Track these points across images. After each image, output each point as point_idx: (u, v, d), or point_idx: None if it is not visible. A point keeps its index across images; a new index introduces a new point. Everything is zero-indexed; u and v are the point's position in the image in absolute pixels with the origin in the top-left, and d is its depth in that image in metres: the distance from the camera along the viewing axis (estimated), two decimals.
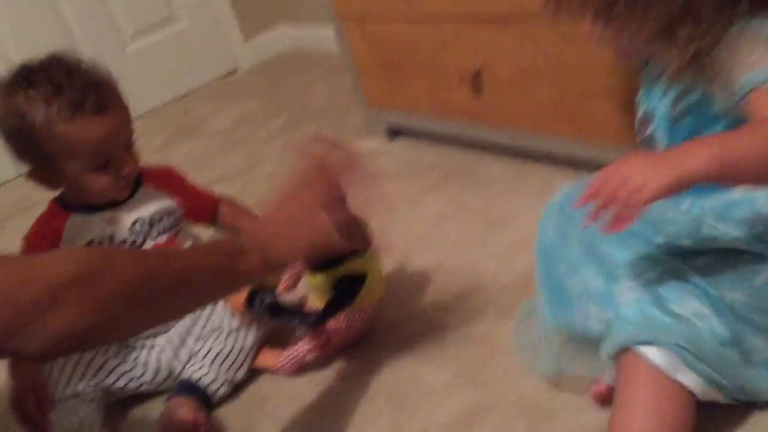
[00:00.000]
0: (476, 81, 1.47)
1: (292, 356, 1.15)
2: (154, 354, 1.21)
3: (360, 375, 1.14)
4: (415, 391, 1.07)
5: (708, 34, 0.82)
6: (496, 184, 1.51)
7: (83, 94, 1.08)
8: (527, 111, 1.42)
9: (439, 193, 1.55)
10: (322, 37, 2.63)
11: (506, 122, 1.48)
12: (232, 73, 2.82)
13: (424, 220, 1.47)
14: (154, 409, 1.20)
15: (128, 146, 1.16)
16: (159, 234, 1.21)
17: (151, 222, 1.20)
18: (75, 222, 1.18)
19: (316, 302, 1.16)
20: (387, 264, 1.36)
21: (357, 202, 1.01)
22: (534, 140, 1.48)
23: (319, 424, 1.08)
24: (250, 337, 1.19)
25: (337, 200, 0.97)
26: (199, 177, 1.42)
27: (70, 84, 1.09)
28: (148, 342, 1.22)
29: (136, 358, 1.21)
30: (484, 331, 1.14)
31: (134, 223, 1.19)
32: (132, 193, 1.21)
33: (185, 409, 1.09)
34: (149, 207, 1.21)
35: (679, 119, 0.91)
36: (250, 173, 1.93)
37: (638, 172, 0.74)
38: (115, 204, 1.19)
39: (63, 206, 1.19)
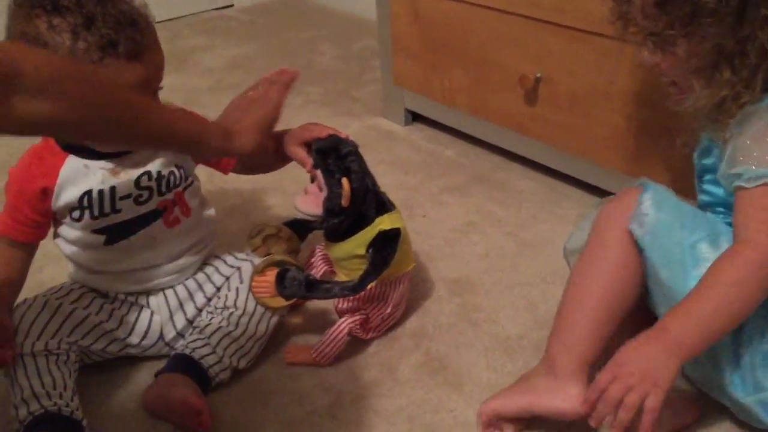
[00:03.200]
0: (533, 88, 1.37)
1: (332, 339, 1.04)
2: (144, 315, 1.07)
3: (379, 387, 1.03)
4: (443, 421, 0.97)
5: (744, 84, 0.82)
6: (528, 202, 1.41)
7: (117, 32, 0.90)
8: (582, 134, 1.33)
9: (465, 196, 1.45)
10: None
11: (554, 140, 1.39)
12: (227, 7, 2.62)
13: (448, 225, 1.36)
14: (136, 377, 1.06)
15: (155, 95, 1.00)
16: (166, 190, 1.05)
17: (159, 177, 1.04)
18: (74, 165, 1.00)
19: (343, 278, 1.06)
20: None
21: None
22: (579, 165, 1.39)
23: None
24: (263, 324, 1.05)
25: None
26: None
27: (103, 18, 0.89)
28: (140, 300, 1.07)
29: (123, 316, 1.06)
30: (520, 368, 1.04)
31: (140, 176, 1.03)
32: None
33: (188, 391, 0.95)
34: (158, 160, 1.04)
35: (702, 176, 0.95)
36: None
37: (642, 378, 0.78)
38: (122, 152, 1.02)
39: (61, 143, 1.00)
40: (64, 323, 1.01)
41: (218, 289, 1.09)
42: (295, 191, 1.49)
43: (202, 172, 1.14)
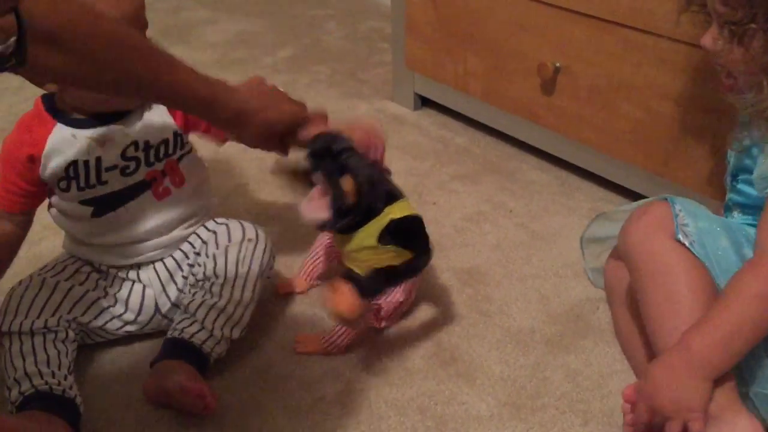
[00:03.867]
0: (551, 78, 1.34)
1: (344, 328, 1.01)
2: (136, 289, 1.04)
3: (389, 376, 1.00)
4: (455, 414, 0.95)
5: None
6: (540, 193, 1.39)
7: None
8: (600, 127, 1.30)
9: (475, 185, 1.42)
10: None
11: (569, 131, 1.36)
12: None
13: (458, 213, 1.34)
14: (137, 356, 1.03)
15: (144, 30, 0.96)
16: (155, 160, 1.01)
17: (147, 147, 1.00)
18: (61, 134, 0.97)
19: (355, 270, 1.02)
20: None
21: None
22: (592, 158, 1.36)
23: (339, 427, 0.94)
24: (248, 289, 1.01)
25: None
26: None
27: None
28: (130, 275, 1.05)
29: (116, 293, 1.03)
30: (533, 361, 1.02)
31: (127, 147, 0.99)
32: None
33: (182, 377, 0.92)
34: (149, 128, 1.00)
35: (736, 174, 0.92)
36: None
37: (676, 408, 0.77)
38: (111, 119, 0.98)
39: (51, 111, 0.98)
40: (63, 300, 0.99)
41: (198, 255, 1.05)
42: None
43: (206, 148, 1.11)
